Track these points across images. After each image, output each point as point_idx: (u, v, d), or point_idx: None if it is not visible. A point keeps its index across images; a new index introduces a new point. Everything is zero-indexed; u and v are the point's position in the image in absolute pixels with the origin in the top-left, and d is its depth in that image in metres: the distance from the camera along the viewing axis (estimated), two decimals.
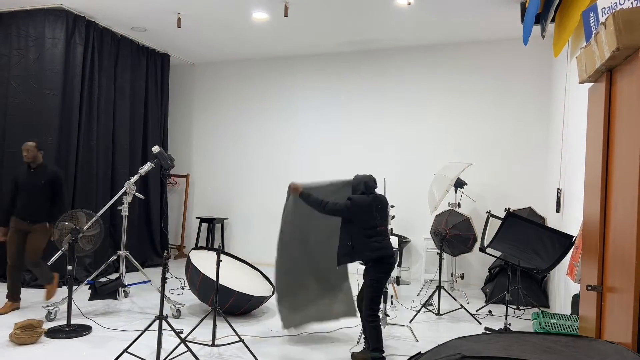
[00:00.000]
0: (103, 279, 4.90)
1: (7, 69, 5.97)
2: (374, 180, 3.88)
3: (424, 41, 6.82)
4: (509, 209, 3.98)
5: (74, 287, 5.13)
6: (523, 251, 3.62)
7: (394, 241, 6.09)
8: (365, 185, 3.79)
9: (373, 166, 7.25)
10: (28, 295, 5.37)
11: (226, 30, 6.59)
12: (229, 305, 4.67)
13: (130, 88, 7.01)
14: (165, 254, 3.37)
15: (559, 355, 1.35)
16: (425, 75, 7.02)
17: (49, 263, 4.73)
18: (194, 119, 8.48)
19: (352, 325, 4.74)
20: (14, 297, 4.79)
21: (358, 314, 4.60)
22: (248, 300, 4.69)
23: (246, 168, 8.06)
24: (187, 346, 3.45)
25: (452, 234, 5.51)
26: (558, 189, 4.98)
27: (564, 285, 4.33)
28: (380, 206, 3.75)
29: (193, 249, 5.20)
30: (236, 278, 5.10)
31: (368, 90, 7.33)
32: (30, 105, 5.86)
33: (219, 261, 3.78)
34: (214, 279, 4.63)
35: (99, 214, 4.76)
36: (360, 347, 4.13)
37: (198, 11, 5.88)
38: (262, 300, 4.83)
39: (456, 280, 6.65)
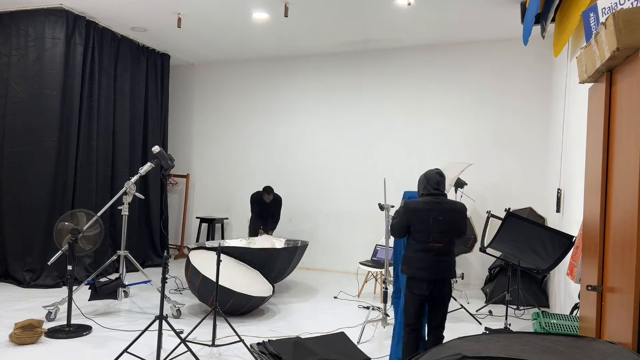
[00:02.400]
0: (103, 279, 4.90)
1: (7, 69, 5.96)
2: (436, 176, 3.11)
3: (424, 41, 6.82)
4: (509, 209, 3.98)
5: (74, 287, 5.13)
6: (523, 251, 3.62)
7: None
8: (423, 185, 3.15)
9: (373, 166, 7.25)
10: (28, 295, 5.37)
11: (226, 30, 6.59)
12: (229, 305, 4.67)
13: (130, 88, 7.01)
14: (165, 254, 3.37)
15: (559, 355, 1.34)
16: (425, 75, 7.02)
17: (49, 263, 4.74)
18: (194, 119, 8.48)
19: (352, 325, 4.74)
20: None
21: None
22: (248, 300, 4.69)
23: (246, 168, 8.05)
24: (187, 346, 3.45)
25: None
26: (558, 189, 4.98)
27: (564, 285, 4.33)
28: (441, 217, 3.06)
29: (193, 249, 5.20)
30: (236, 278, 5.10)
31: (368, 90, 7.32)
32: (30, 105, 5.85)
33: (219, 261, 3.78)
34: (214, 279, 4.62)
35: (99, 214, 4.76)
36: (359, 347, 4.12)
37: (198, 11, 5.88)
38: (262, 300, 4.82)
39: (456, 280, 6.65)
